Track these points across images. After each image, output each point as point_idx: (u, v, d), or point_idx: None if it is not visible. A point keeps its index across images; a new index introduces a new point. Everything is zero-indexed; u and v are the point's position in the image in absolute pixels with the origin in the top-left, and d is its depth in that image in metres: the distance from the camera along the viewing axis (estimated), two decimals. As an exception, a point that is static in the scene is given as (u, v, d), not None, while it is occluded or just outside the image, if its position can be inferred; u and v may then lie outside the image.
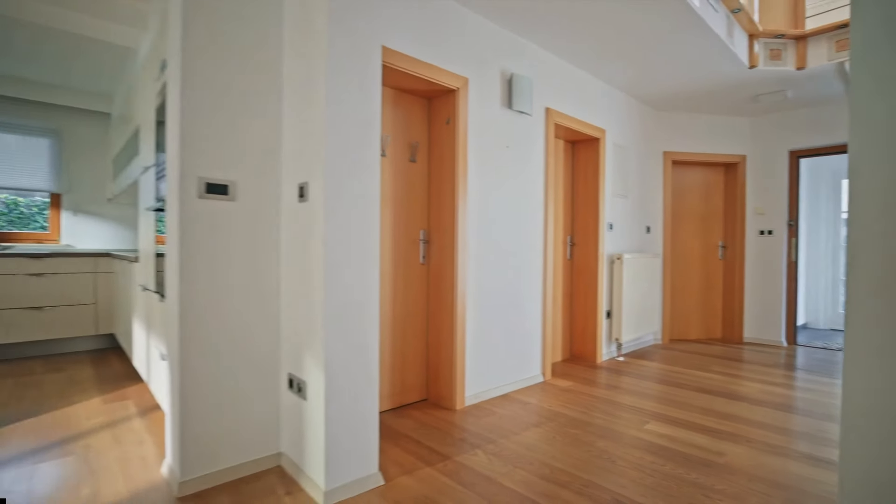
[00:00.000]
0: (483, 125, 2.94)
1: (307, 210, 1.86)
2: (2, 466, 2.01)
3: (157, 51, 2.59)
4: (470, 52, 2.85)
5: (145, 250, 2.83)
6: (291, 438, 1.97)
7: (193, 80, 1.82)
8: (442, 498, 1.78)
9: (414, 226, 2.87)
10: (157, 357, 2.51)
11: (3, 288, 3.87)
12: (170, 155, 1.89)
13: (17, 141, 4.48)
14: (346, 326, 1.82)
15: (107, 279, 4.35)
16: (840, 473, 0.75)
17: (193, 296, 1.83)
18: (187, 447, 1.82)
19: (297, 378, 1.92)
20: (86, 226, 4.84)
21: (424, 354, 2.93)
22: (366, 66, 1.88)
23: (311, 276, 1.83)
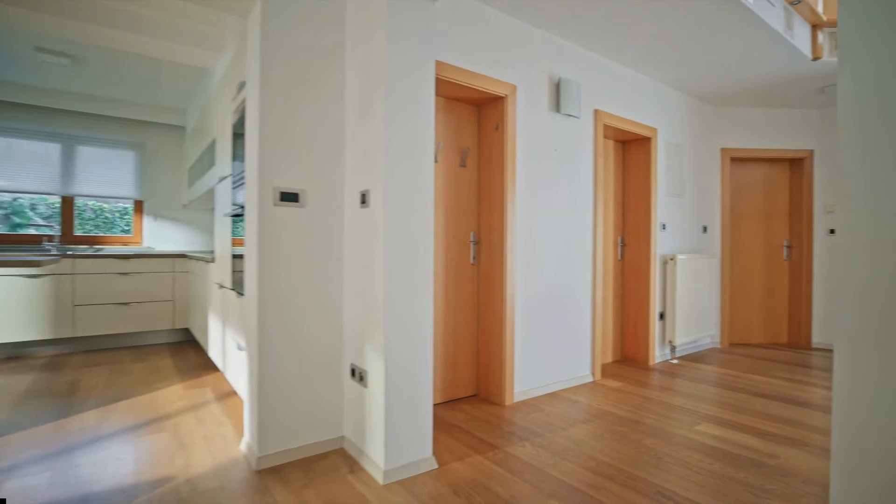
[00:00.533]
0: (531, 129, 3.03)
1: (368, 215, 2.03)
2: (112, 437, 2.31)
3: (233, 72, 2.86)
4: (518, 60, 2.95)
5: (222, 252, 3.12)
6: (353, 423, 2.15)
7: (270, 105, 2.03)
8: (491, 483, 1.90)
9: (464, 228, 3.00)
10: (234, 348, 2.77)
11: (97, 286, 4.34)
12: (249, 168, 2.12)
13: (107, 154, 4.99)
14: (404, 321, 1.97)
15: (183, 278, 4.77)
16: (832, 468, 0.79)
17: (269, 293, 2.04)
18: (264, 427, 2.03)
19: (359, 368, 2.10)
20: (164, 229, 5.31)
21: (475, 351, 3.04)
22: (420, 82, 2.02)
23: (372, 275, 2.00)
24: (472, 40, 2.72)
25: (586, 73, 3.37)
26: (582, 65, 3.34)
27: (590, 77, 3.40)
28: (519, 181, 2.96)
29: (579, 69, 3.32)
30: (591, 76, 3.41)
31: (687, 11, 2.82)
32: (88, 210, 5.01)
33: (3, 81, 4.34)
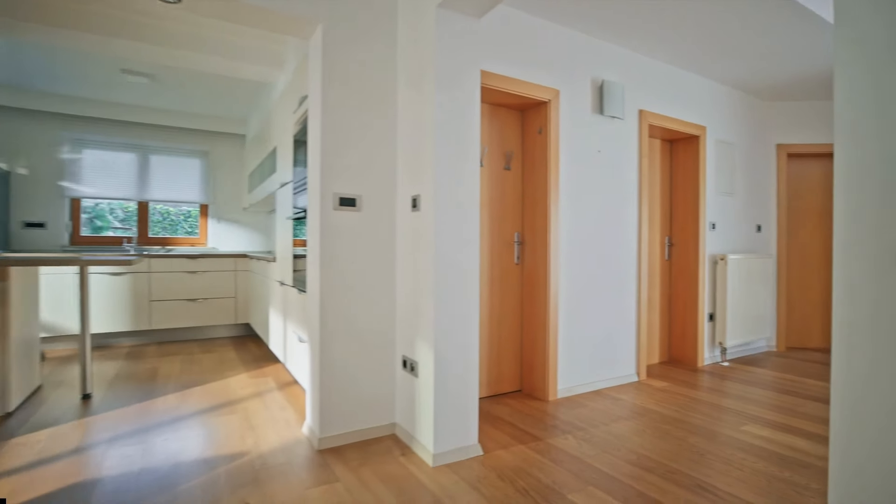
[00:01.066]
0: (574, 132, 3.10)
1: (419, 218, 2.19)
2: (191, 417, 2.59)
3: (294, 87, 3.10)
4: (560, 65, 3.03)
5: (283, 252, 3.38)
6: (404, 410, 2.31)
7: (330, 118, 2.23)
8: (533, 470, 2.01)
9: (509, 229, 3.11)
10: (295, 341, 3.01)
11: (169, 283, 4.75)
12: (311, 175, 2.33)
13: (176, 162, 5.44)
14: (452, 316, 2.11)
15: (244, 276, 5.13)
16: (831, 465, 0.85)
17: (330, 290, 2.24)
18: (324, 412, 2.23)
19: (410, 359, 2.26)
20: (226, 231, 5.72)
21: (518, 348, 3.15)
22: (466, 92, 2.16)
23: (422, 274, 2.16)
24: (515, 48, 2.83)
25: (630, 74, 3.40)
26: (626, 66, 3.37)
27: (634, 78, 3.42)
28: (562, 183, 3.04)
29: (623, 71, 3.36)
30: (636, 77, 3.43)
31: (733, 4, 2.81)
32: (156, 213, 5.47)
33: (92, 100, 4.84)
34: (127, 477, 1.94)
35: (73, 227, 5.02)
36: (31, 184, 4.79)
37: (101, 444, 2.27)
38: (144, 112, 5.11)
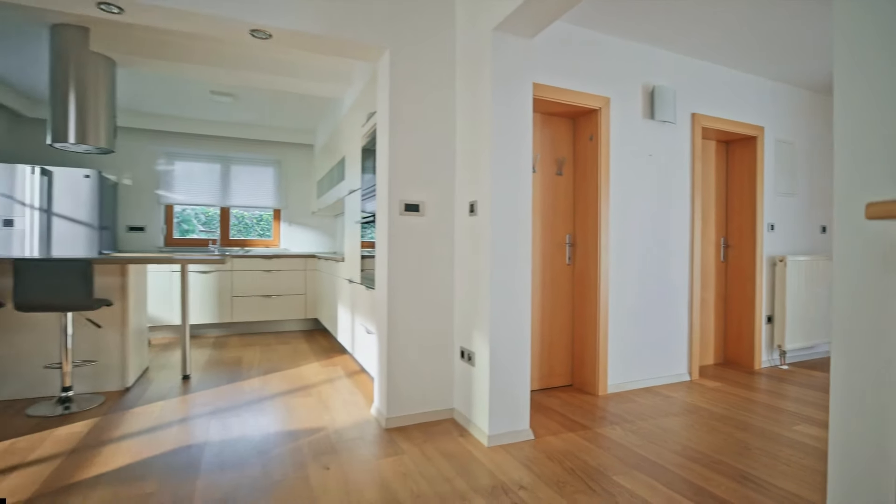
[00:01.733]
0: (625, 137, 3.22)
1: (475, 222, 2.42)
2: (274, 397, 2.95)
3: (362, 103, 3.43)
4: (611, 74, 3.16)
5: (352, 253, 3.71)
6: (462, 396, 2.55)
7: (397, 132, 2.51)
8: (581, 453, 2.18)
9: (560, 231, 3.27)
10: (363, 333, 3.32)
11: (247, 281, 5.25)
12: (380, 183, 2.61)
13: (253, 171, 5.97)
14: (506, 312, 2.32)
15: (313, 275, 5.56)
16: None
17: (396, 287, 2.51)
18: (391, 396, 2.50)
19: (467, 350, 2.49)
20: (296, 233, 6.20)
21: (570, 344, 3.30)
22: (520, 105, 2.36)
23: (479, 273, 2.38)
24: (566, 60, 3.00)
25: (683, 79, 3.46)
26: (677, 71, 3.44)
27: (686, 82, 3.48)
28: (612, 186, 3.16)
29: (675, 75, 3.43)
30: (688, 81, 3.49)
31: (788, 2, 2.83)
32: (232, 217, 6.03)
33: (184, 118, 5.44)
34: (228, 442, 2.30)
35: (166, 231, 5.66)
36: (134, 193, 5.45)
37: (203, 415, 2.66)
38: (227, 127, 5.68)
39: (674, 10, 2.81)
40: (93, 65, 3.23)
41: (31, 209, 4.51)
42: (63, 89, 3.17)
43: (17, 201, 4.47)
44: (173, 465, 2.06)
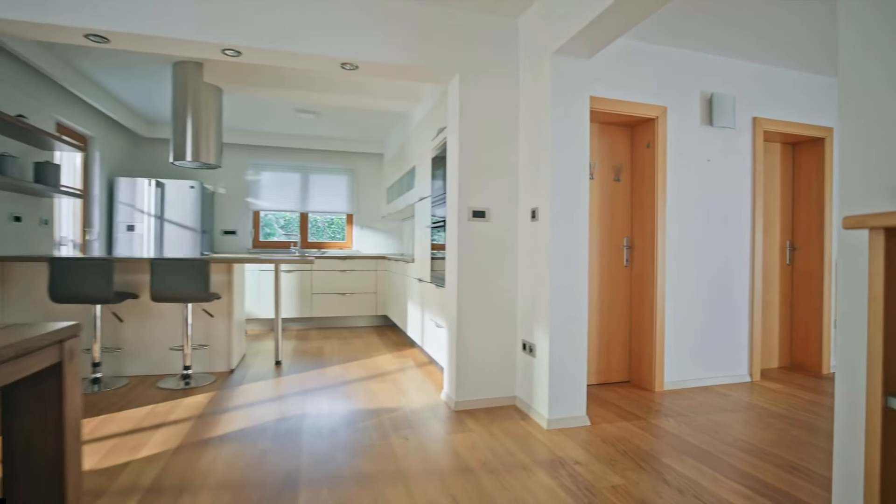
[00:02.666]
0: (682, 144, 3.34)
1: (537, 227, 2.67)
2: (355, 381, 3.35)
3: (432, 119, 3.77)
4: (667, 83, 3.29)
5: (422, 254, 4.07)
6: (523, 385, 2.80)
7: (465, 146, 2.81)
8: (634, 439, 2.37)
9: (618, 234, 3.44)
10: (432, 327, 3.66)
11: (324, 279, 5.76)
12: (450, 192, 2.93)
13: (329, 179, 6.52)
14: (564, 307, 2.56)
15: (383, 275, 6.00)
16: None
17: (465, 285, 2.82)
18: (459, 382, 2.81)
19: (528, 342, 2.75)
20: (367, 236, 6.68)
21: (627, 342, 3.45)
22: (577, 119, 2.59)
23: (540, 273, 2.63)
24: (622, 73, 3.18)
25: (742, 84, 3.52)
26: (737, 76, 3.50)
27: (746, 86, 3.53)
28: (669, 191, 3.30)
29: (734, 81, 3.49)
30: (749, 85, 3.54)
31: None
32: (309, 221, 6.60)
33: (271, 133, 6.07)
34: (321, 415, 2.69)
35: (254, 234, 6.32)
36: (227, 200, 6.15)
37: (297, 394, 3.10)
38: (307, 140, 6.26)
39: (731, 17, 2.92)
40: (205, 94, 3.79)
41: (148, 216, 5.25)
42: (182, 116, 3.76)
43: (138, 210, 5.22)
44: (279, 430, 2.48)
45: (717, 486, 1.92)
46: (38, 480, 1.22)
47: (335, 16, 2.64)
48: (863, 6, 1.14)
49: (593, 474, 2.00)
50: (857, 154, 1.11)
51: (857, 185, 1.10)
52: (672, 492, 1.86)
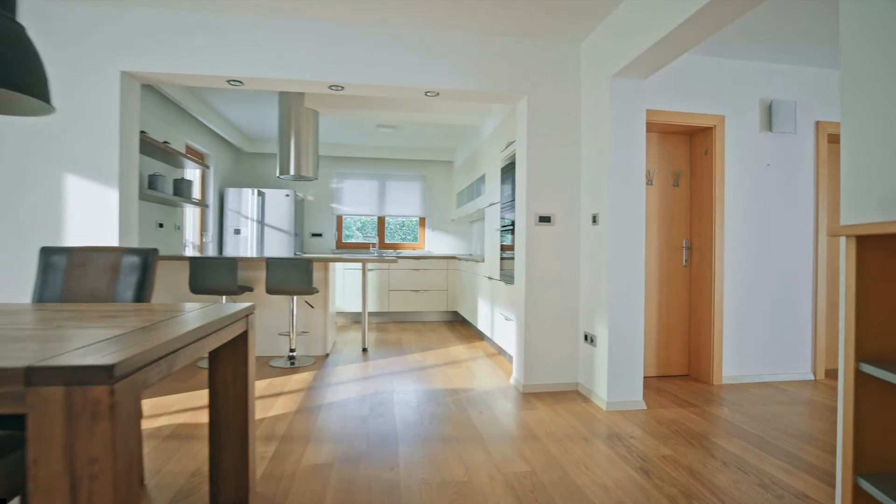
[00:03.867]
0: (741, 150, 3.49)
1: (597, 231, 2.99)
2: (433, 367, 3.81)
3: (501, 132, 4.16)
4: (725, 93, 3.46)
5: (492, 254, 4.47)
6: (585, 372, 3.12)
7: (533, 158, 3.18)
8: (687, 422, 2.63)
9: (678, 236, 3.65)
10: (501, 321, 4.05)
11: (400, 277, 6.31)
12: (519, 199, 3.31)
13: (403, 185, 7.08)
14: (622, 302, 2.85)
15: (453, 273, 6.46)
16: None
17: (532, 282, 3.18)
18: (527, 368, 3.18)
19: (590, 334, 3.07)
20: (437, 238, 7.18)
21: (686, 338, 3.65)
22: (633, 133, 2.88)
23: (600, 272, 2.94)
24: (681, 85, 3.39)
25: (804, 89, 3.60)
26: (798, 82, 3.59)
27: (808, 91, 3.61)
28: (728, 194, 3.47)
29: (795, 87, 3.58)
30: (810, 90, 3.61)
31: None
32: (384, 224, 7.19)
33: (354, 145, 6.73)
34: (407, 392, 3.17)
35: (337, 236, 7.01)
36: (315, 206, 6.88)
37: (384, 375, 3.60)
38: (385, 150, 6.86)
39: (790, 24, 3.06)
40: (305, 118, 4.42)
41: (251, 221, 6.05)
42: (286, 137, 4.41)
43: (243, 216, 6.03)
44: (374, 401, 2.97)
45: (760, 461, 2.16)
46: (233, 410, 1.75)
47: (420, 52, 3.11)
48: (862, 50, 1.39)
49: (646, 446, 2.31)
50: (852, 171, 1.37)
51: (854, 197, 1.36)
52: (717, 463, 2.13)
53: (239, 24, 2.96)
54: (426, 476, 1.99)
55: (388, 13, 2.92)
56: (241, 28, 2.96)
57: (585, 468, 2.08)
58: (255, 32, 2.97)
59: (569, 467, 2.09)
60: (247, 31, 2.97)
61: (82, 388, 0.85)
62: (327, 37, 3.03)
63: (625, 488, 1.90)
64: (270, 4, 2.84)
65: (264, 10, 2.91)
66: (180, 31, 2.92)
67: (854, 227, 1.14)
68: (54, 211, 2.86)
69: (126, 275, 1.86)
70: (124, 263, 1.87)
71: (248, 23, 2.97)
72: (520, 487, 1.90)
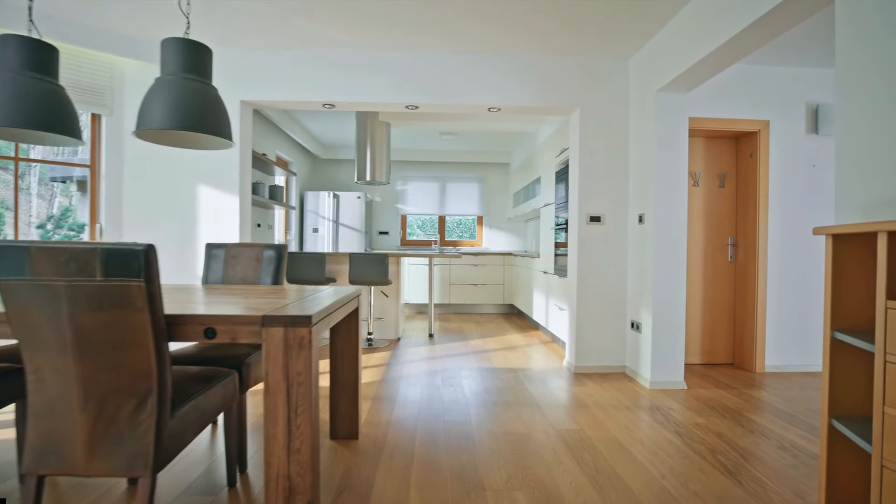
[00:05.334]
0: (786, 152, 3.70)
1: (643, 230, 3.34)
2: (493, 351, 4.28)
3: (556, 139, 4.56)
4: (769, 99, 3.68)
5: (546, 250, 4.87)
6: (631, 356, 3.49)
7: (585, 165, 3.58)
8: (723, 400, 2.94)
9: (723, 234, 3.90)
10: (555, 310, 4.45)
11: (460, 272, 6.81)
12: (571, 201, 3.71)
13: (462, 186, 7.58)
14: (665, 294, 3.20)
15: (509, 268, 6.89)
16: None
17: (584, 275, 3.58)
18: (578, 351, 3.58)
19: (636, 321, 3.43)
20: (494, 235, 7.62)
21: (731, 328, 3.90)
22: (676, 141, 3.21)
23: (645, 266, 3.30)
24: (728, 93, 3.65)
25: (855, 93, 3.73)
26: (849, 86, 3.73)
27: (860, 95, 3.74)
28: (772, 195, 3.69)
29: (846, 91, 3.73)
30: (862, 94, 3.74)
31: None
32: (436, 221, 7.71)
33: (417, 149, 7.31)
34: (472, 369, 3.66)
35: (401, 234, 7.62)
36: (382, 207, 7.52)
37: (451, 355, 4.11)
38: (446, 154, 7.39)
39: (832, 30, 3.26)
40: (380, 129, 5.01)
41: (328, 221, 6.76)
42: (363, 147, 5.01)
43: (320, 216, 6.75)
44: (444, 375, 3.48)
45: (784, 431, 2.47)
46: (347, 367, 2.31)
47: (485, 74, 3.57)
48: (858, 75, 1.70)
49: (682, 416, 2.67)
50: (842, 180, 1.70)
51: (843, 202, 1.69)
52: (744, 431, 2.47)
53: (333, 57, 3.55)
54: (493, 429, 2.47)
55: (458, 44, 3.41)
56: (334, 61, 3.55)
57: (626, 429, 2.48)
58: (345, 64, 3.55)
59: (612, 428, 2.50)
60: (338, 63, 3.55)
61: (294, 328, 1.40)
62: (404, 64, 3.56)
63: (659, 444, 2.29)
64: (358, 40, 3.40)
65: (353, 45, 3.48)
66: (286, 65, 3.55)
67: (830, 227, 1.49)
68: (191, 213, 3.58)
69: (266, 264, 2.46)
70: (265, 256, 2.47)
71: (340, 56, 3.55)
72: (570, 439, 2.34)
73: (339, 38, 3.37)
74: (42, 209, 11.46)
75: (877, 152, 1.57)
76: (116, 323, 1.27)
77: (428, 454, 2.16)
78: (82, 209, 9.20)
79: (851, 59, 1.67)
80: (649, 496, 1.81)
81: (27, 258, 1.25)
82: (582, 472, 2.00)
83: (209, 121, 1.87)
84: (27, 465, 1.34)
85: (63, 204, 11.53)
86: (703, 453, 2.19)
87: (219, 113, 1.91)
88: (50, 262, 1.25)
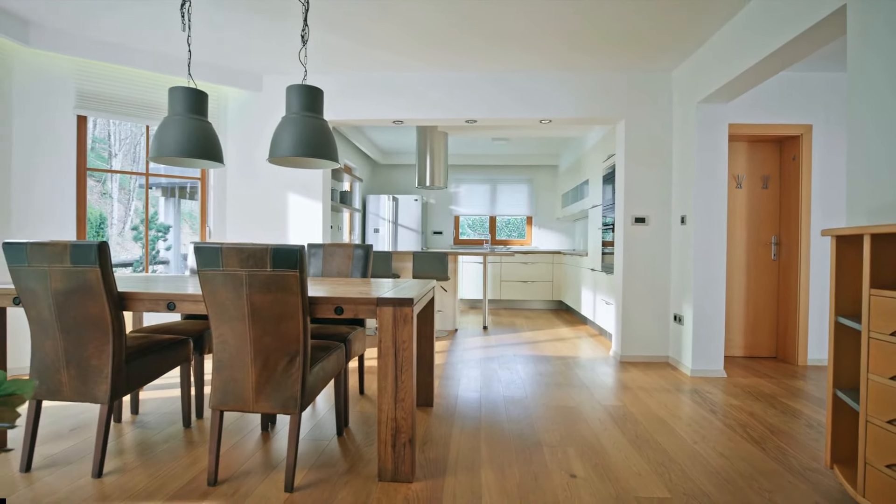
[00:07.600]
0: (829, 154, 3.86)
1: (685, 229, 3.63)
2: (544, 341, 4.66)
3: (603, 143, 4.88)
4: (812, 104, 3.85)
5: (594, 249, 5.19)
6: (674, 347, 3.78)
7: (630, 170, 3.90)
8: (761, 387, 3.20)
9: (766, 233, 4.10)
10: (602, 305, 4.78)
11: (511, 269, 7.20)
12: (618, 203, 4.04)
13: (512, 188, 7.95)
14: (705, 289, 3.48)
15: (558, 266, 7.21)
16: None
17: (629, 272, 3.90)
18: (624, 342, 3.91)
19: (678, 314, 3.72)
20: (543, 234, 7.95)
21: (773, 323, 4.10)
22: (716, 147, 3.47)
23: (686, 263, 3.59)
24: (771, 99, 3.86)
25: (902, 96, 3.84)
26: None
27: (907, 98, 3.84)
28: (814, 195, 3.86)
29: (892, 94, 3.84)
30: (910, 96, 3.84)
31: None
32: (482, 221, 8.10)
33: (470, 154, 7.75)
34: (525, 356, 4.06)
35: (454, 234, 8.09)
36: (436, 208, 8.01)
37: (505, 345, 4.53)
38: (497, 158, 7.79)
39: (872, 52, 3.42)
40: (438, 139, 5.48)
41: (387, 222, 7.32)
42: (423, 155, 5.51)
43: (381, 217, 7.32)
44: (501, 360, 3.90)
45: (814, 413, 2.73)
46: (425, 345, 2.78)
47: (537, 90, 3.96)
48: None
49: (719, 398, 2.97)
50: (852, 187, 1.98)
51: (852, 207, 1.97)
52: (775, 411, 2.75)
53: (402, 80, 4.04)
54: (546, 402, 2.88)
55: (513, 65, 3.81)
56: (403, 83, 4.04)
57: (665, 406, 2.82)
58: (412, 85, 4.04)
59: (652, 405, 2.84)
60: (406, 84, 4.04)
61: (401, 308, 1.87)
62: (464, 83, 4.01)
63: (695, 419, 2.62)
64: (426, 65, 3.88)
65: (419, 68, 3.96)
66: (359, 87, 4.07)
67: (833, 230, 1.80)
68: (282, 217, 4.18)
69: (357, 261, 2.98)
70: (355, 254, 2.99)
71: (407, 78, 4.04)
72: (615, 413, 2.71)
73: (410, 64, 3.86)
74: (121, 212, 12.81)
75: (883, 160, 1.85)
76: (279, 301, 1.79)
77: (492, 419, 2.60)
78: (165, 213, 10.31)
79: (862, 69, 1.95)
80: (681, 455, 2.16)
81: (220, 255, 1.78)
82: (624, 436, 2.37)
83: (324, 149, 2.38)
84: (214, 403, 1.89)
85: (138, 207, 12.85)
86: (734, 427, 2.51)
87: (330, 142, 2.42)
88: (236, 257, 1.78)
